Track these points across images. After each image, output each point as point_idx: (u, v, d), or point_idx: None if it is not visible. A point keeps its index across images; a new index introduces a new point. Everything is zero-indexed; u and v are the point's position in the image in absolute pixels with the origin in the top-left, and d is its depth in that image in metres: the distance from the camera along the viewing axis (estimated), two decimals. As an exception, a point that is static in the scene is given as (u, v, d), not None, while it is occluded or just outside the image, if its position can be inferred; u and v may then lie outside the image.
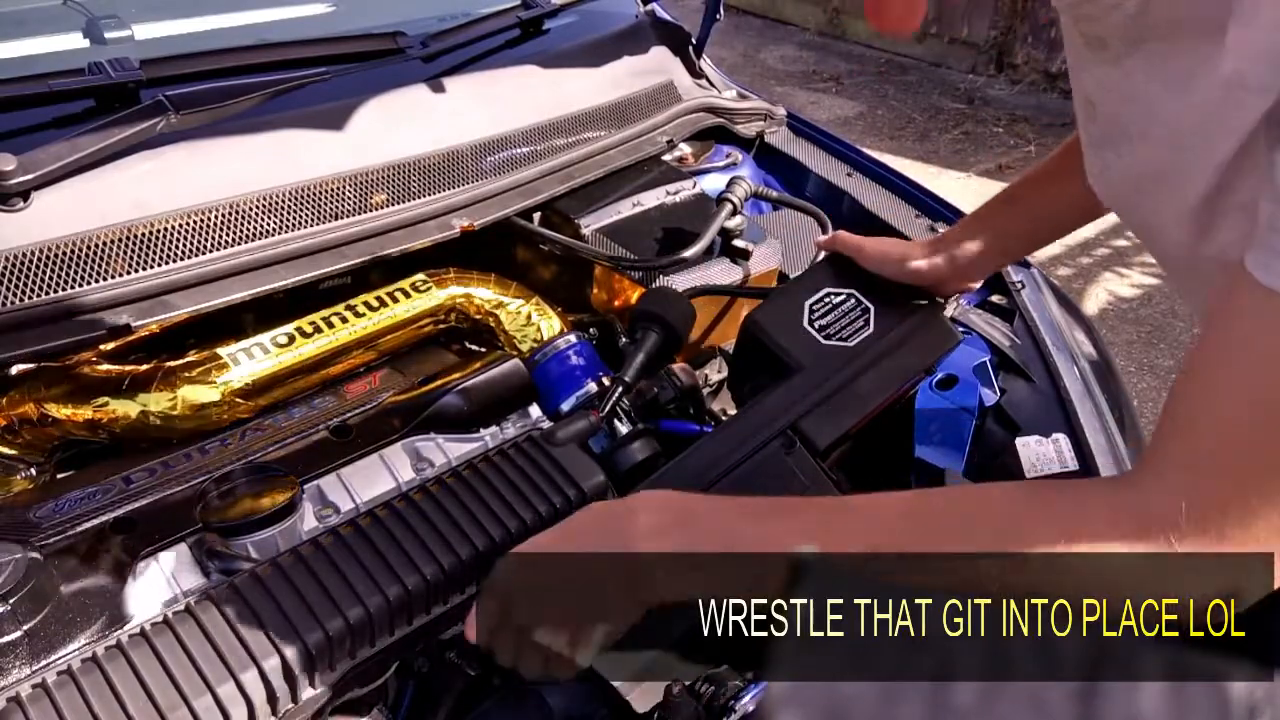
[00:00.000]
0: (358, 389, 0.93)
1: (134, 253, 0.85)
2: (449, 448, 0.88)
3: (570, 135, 1.20)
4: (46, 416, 0.81)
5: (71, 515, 0.73)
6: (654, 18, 1.46)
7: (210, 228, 0.89)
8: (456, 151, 1.08)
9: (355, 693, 0.72)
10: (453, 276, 1.04)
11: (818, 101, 4.94)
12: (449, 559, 0.73)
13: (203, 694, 0.61)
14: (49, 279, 0.80)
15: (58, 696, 0.59)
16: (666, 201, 1.19)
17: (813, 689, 0.22)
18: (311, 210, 0.96)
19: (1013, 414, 1.04)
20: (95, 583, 0.69)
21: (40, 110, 0.90)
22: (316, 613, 0.67)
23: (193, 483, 0.78)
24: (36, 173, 0.80)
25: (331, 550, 0.71)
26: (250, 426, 0.87)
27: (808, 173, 1.47)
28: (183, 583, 0.73)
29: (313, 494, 0.81)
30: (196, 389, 0.84)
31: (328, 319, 0.94)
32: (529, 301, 1.05)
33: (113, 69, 0.93)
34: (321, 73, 1.04)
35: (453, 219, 1.05)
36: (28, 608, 0.64)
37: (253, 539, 0.74)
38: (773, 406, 0.84)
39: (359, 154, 1.01)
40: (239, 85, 0.96)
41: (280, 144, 0.97)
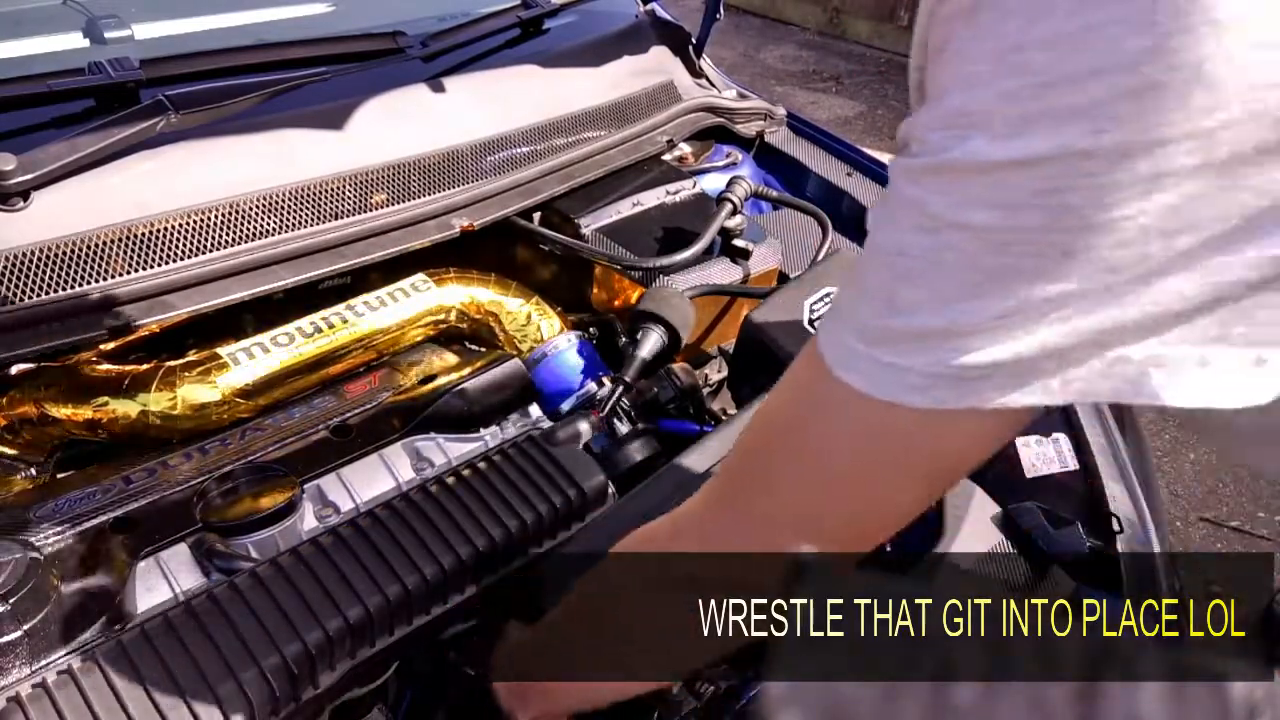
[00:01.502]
0: (358, 389, 0.93)
1: (134, 253, 0.85)
2: (449, 448, 0.88)
3: (570, 135, 1.20)
4: (46, 416, 0.81)
5: (71, 515, 0.73)
6: (654, 17, 1.46)
7: (210, 228, 0.89)
8: (456, 151, 1.08)
9: (355, 693, 0.72)
10: (453, 276, 1.04)
11: (818, 101, 4.94)
12: (449, 559, 0.73)
13: (203, 694, 0.61)
14: (49, 279, 0.80)
15: (58, 696, 0.59)
16: (666, 201, 1.19)
17: (813, 689, 0.22)
18: (311, 210, 0.96)
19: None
20: (95, 583, 0.69)
21: (40, 110, 0.90)
22: (316, 613, 0.67)
23: (193, 483, 0.78)
24: (36, 173, 0.80)
25: (331, 550, 0.71)
26: (250, 426, 0.87)
27: (808, 173, 1.47)
28: (183, 583, 0.73)
29: (313, 494, 0.81)
30: (196, 389, 0.84)
31: (328, 319, 0.94)
32: (529, 301, 1.05)
33: (113, 69, 0.93)
34: (321, 72, 1.04)
35: (453, 219, 1.05)
36: (28, 608, 0.64)
37: (253, 539, 0.74)
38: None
39: (359, 154, 1.01)
40: (239, 85, 0.96)
41: (280, 144, 0.97)
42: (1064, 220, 0.36)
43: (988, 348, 0.39)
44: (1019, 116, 0.36)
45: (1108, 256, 0.36)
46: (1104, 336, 0.38)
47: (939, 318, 0.40)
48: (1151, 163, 0.34)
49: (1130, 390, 0.38)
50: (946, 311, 0.39)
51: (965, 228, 0.38)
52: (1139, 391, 0.38)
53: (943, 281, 0.39)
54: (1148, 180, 0.34)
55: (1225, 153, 0.34)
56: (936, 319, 0.40)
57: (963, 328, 0.39)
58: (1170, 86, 0.33)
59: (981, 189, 0.37)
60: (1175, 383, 0.38)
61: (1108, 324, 0.37)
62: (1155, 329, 0.38)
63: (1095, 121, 0.34)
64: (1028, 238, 0.37)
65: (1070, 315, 0.37)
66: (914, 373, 0.41)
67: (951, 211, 0.38)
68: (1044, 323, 0.38)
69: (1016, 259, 0.37)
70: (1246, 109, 0.33)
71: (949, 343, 0.40)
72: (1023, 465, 0.98)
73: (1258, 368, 0.38)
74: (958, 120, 0.38)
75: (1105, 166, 0.35)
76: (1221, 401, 0.38)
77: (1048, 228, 0.36)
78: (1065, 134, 0.35)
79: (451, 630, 0.77)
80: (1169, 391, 0.38)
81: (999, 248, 0.38)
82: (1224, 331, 0.38)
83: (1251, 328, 0.38)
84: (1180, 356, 0.38)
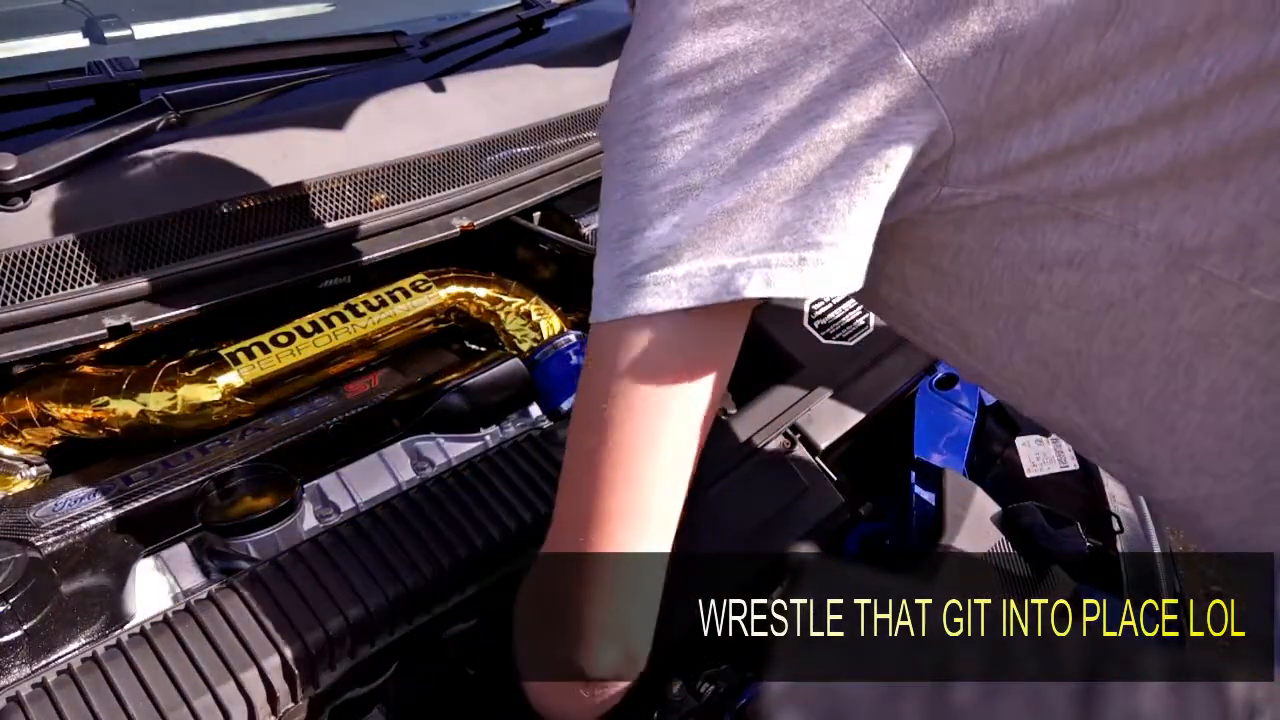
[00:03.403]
0: (358, 389, 0.93)
1: (134, 253, 0.85)
2: (449, 448, 0.88)
3: (570, 135, 1.20)
4: (46, 416, 0.81)
5: (71, 515, 0.73)
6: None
7: (210, 227, 0.89)
8: (456, 151, 1.08)
9: (355, 693, 0.72)
10: (453, 276, 1.04)
11: (818, 101, 4.93)
12: (449, 559, 0.73)
13: (203, 693, 0.61)
14: (49, 279, 0.80)
15: (58, 696, 0.59)
16: (666, 201, 1.19)
17: (813, 689, 0.22)
18: (311, 210, 0.96)
19: (1013, 414, 1.04)
20: (95, 583, 0.69)
21: (40, 110, 0.90)
22: (316, 612, 0.67)
23: (193, 483, 0.78)
24: (36, 172, 0.80)
25: (331, 550, 0.71)
26: (250, 426, 0.87)
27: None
28: (183, 582, 0.73)
29: (313, 494, 0.81)
30: (196, 389, 0.84)
31: (328, 319, 0.95)
32: (529, 301, 1.05)
33: (112, 68, 0.93)
34: (321, 72, 1.04)
35: (453, 218, 1.05)
36: (28, 608, 0.64)
37: (253, 538, 0.74)
38: (773, 406, 0.84)
39: (359, 153, 1.01)
40: (239, 85, 0.96)
41: (280, 144, 0.97)
42: (645, 140, 0.47)
43: (633, 252, 0.48)
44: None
45: (675, 173, 0.47)
46: (711, 247, 0.47)
47: (611, 232, 0.50)
48: (688, 89, 0.46)
49: (725, 290, 0.47)
50: (611, 227, 0.49)
51: (611, 149, 0.50)
52: (731, 290, 0.46)
53: (611, 205, 0.50)
54: (683, 105, 0.46)
55: (739, 79, 0.46)
56: (610, 235, 0.49)
57: (618, 237, 0.49)
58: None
59: (618, 116, 0.50)
60: (749, 281, 0.46)
61: (715, 237, 0.47)
62: (740, 244, 0.47)
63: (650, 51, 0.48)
64: (640, 154, 0.48)
65: (685, 224, 0.47)
66: (602, 288, 0.50)
67: (609, 137, 0.51)
68: (661, 227, 0.47)
69: (635, 176, 0.48)
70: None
71: (615, 254, 0.49)
72: (1023, 465, 0.99)
73: (800, 266, 0.47)
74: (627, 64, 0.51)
75: (657, 97, 0.47)
76: (780, 293, 0.47)
77: (649, 145, 0.47)
78: (645, 72, 0.48)
79: (451, 630, 0.77)
80: (746, 289, 0.46)
81: (623, 168, 0.49)
82: (777, 240, 0.46)
83: (796, 235, 0.46)
84: (754, 262, 0.46)
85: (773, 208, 0.46)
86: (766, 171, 0.46)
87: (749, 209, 0.46)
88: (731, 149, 0.46)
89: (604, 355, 0.50)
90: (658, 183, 0.47)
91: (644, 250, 0.47)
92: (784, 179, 0.46)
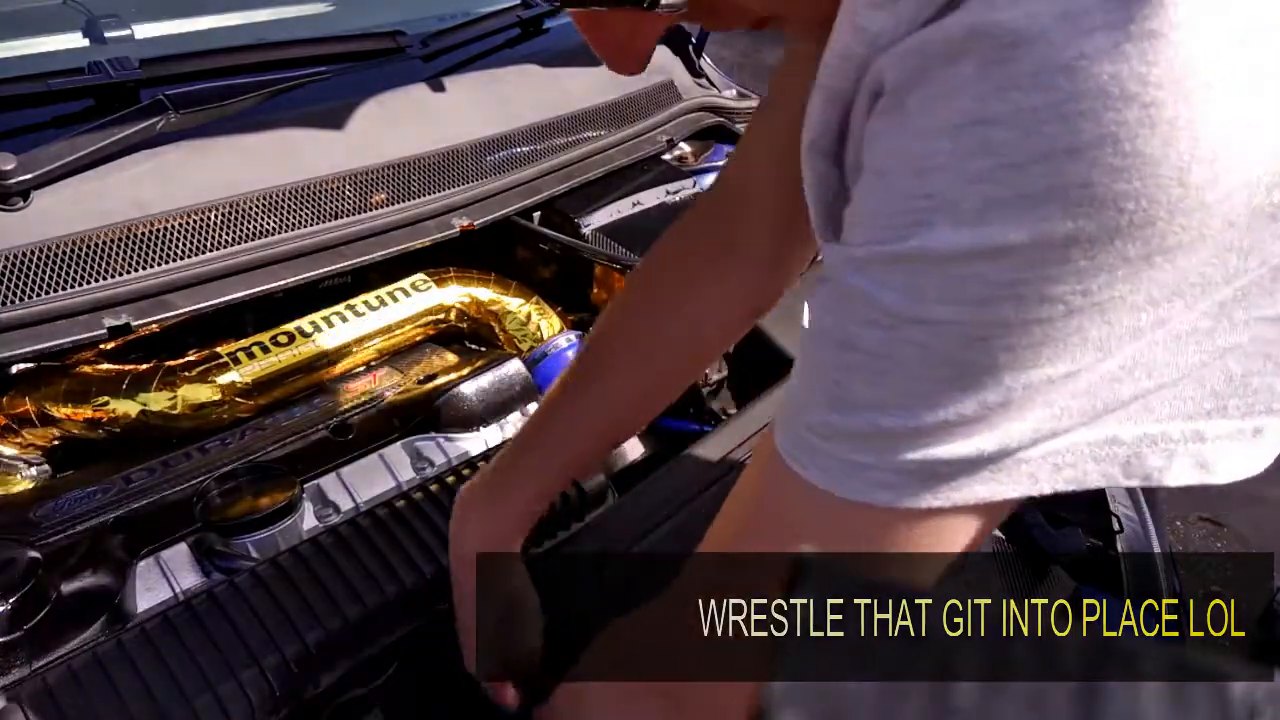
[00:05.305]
0: (358, 389, 0.93)
1: (134, 253, 0.85)
2: (449, 448, 0.88)
3: (570, 134, 1.20)
4: (46, 416, 0.81)
5: (71, 515, 0.73)
6: (654, 17, 1.45)
7: (210, 227, 0.89)
8: (456, 151, 1.08)
9: (355, 693, 0.72)
10: (453, 276, 1.04)
11: (818, 101, 4.93)
12: (449, 559, 0.72)
13: (203, 693, 0.61)
14: (49, 279, 0.80)
15: (58, 696, 0.59)
16: (666, 201, 1.19)
17: (813, 689, 0.22)
18: (311, 210, 0.96)
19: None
20: (95, 582, 0.69)
21: (40, 110, 0.90)
22: (317, 612, 0.67)
23: (193, 483, 0.78)
24: (36, 172, 0.80)
25: (331, 550, 0.70)
26: (250, 426, 0.87)
27: (807, 172, 1.47)
28: (183, 582, 0.73)
29: (313, 494, 0.81)
30: (196, 389, 0.84)
31: (328, 319, 0.95)
32: (529, 301, 1.05)
33: (112, 68, 0.93)
34: (321, 72, 1.04)
35: (453, 218, 1.05)
36: (28, 607, 0.64)
37: (253, 538, 0.74)
38: (773, 407, 0.84)
39: (359, 153, 1.01)
40: (239, 85, 0.96)
41: (280, 143, 0.97)
42: (1044, 310, 0.32)
43: (965, 440, 0.35)
44: (985, 201, 0.31)
45: (1094, 337, 0.33)
46: (1092, 420, 0.35)
47: (906, 415, 0.36)
48: (1142, 244, 0.31)
49: (1122, 473, 0.36)
50: (914, 408, 0.35)
51: (926, 322, 0.34)
52: (1131, 473, 0.36)
53: (905, 378, 0.35)
54: (1138, 260, 0.31)
55: (1219, 223, 0.31)
56: (902, 417, 0.36)
57: (933, 423, 0.35)
58: (1164, 161, 0.29)
59: (944, 281, 0.33)
60: (1171, 462, 0.36)
61: (1097, 406, 0.35)
62: (1148, 406, 0.35)
63: (1075, 205, 0.30)
64: (1002, 329, 0.33)
65: (1055, 401, 0.34)
66: (880, 469, 0.37)
67: (910, 307, 0.34)
68: (1025, 411, 0.35)
69: (990, 351, 0.33)
70: (1241, 177, 0.30)
71: (920, 438, 0.36)
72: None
73: (1255, 438, 0.37)
74: (914, 204, 0.33)
75: (1089, 251, 0.31)
76: (1219, 477, 0.37)
77: (1026, 319, 0.32)
78: (1042, 220, 0.31)
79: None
80: (1166, 473, 0.36)
81: (968, 342, 0.34)
82: (1219, 404, 0.36)
83: (1246, 398, 0.36)
84: (1174, 433, 0.36)
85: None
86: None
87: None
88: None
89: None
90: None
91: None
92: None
